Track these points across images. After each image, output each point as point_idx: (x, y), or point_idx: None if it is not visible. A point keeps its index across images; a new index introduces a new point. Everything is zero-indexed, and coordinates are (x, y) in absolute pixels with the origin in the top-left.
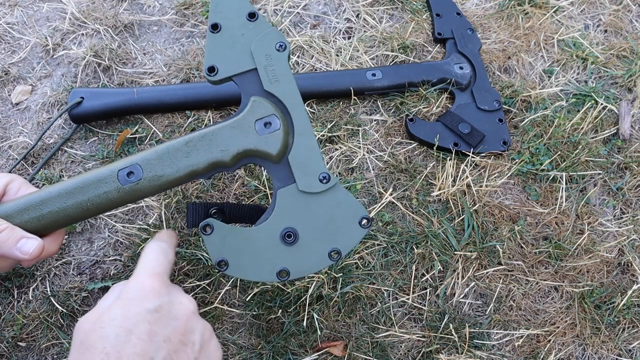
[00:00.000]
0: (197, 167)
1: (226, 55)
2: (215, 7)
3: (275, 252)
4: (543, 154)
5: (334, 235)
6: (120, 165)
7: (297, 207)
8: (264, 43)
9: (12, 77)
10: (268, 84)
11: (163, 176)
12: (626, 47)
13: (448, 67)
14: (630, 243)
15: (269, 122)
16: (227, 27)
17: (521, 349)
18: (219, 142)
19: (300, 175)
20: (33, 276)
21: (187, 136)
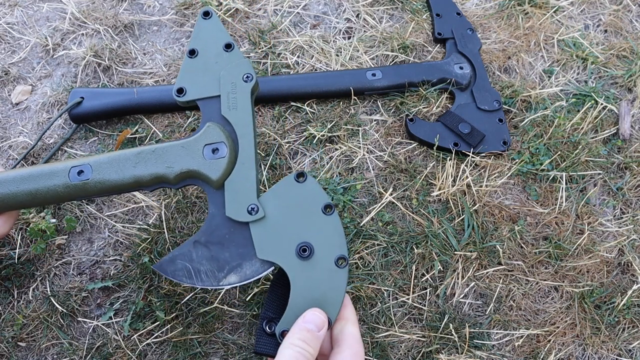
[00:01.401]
0: (142, 178)
1: (196, 79)
2: (197, 34)
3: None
4: (543, 154)
5: (305, 217)
6: (74, 163)
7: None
8: (233, 72)
9: (12, 77)
10: (226, 110)
11: (109, 180)
12: (626, 47)
13: (448, 67)
14: (630, 243)
15: (217, 149)
16: (203, 54)
17: (521, 349)
18: (167, 159)
19: (230, 201)
20: (33, 276)
21: (140, 148)
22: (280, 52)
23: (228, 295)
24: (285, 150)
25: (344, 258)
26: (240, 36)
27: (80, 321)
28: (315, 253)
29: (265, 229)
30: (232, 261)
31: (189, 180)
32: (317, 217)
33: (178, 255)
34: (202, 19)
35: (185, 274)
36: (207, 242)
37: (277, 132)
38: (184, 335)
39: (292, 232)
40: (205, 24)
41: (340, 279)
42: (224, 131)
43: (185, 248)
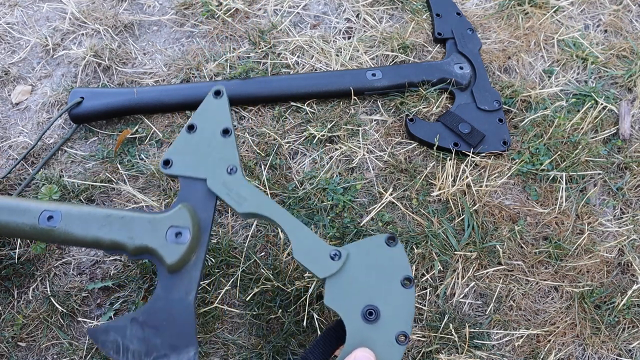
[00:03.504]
0: (102, 241)
1: (186, 155)
2: (202, 110)
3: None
4: (543, 154)
5: (384, 289)
6: (47, 207)
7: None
8: (217, 169)
9: (12, 77)
10: (240, 207)
11: (73, 234)
12: (626, 47)
13: (448, 67)
14: (630, 243)
15: (180, 233)
16: (201, 132)
17: (521, 349)
18: (131, 229)
19: (313, 265)
20: (33, 276)
21: (112, 210)
22: (280, 52)
23: (228, 296)
24: (285, 150)
25: (405, 335)
26: (240, 36)
27: (80, 321)
28: (380, 320)
29: (340, 279)
30: (161, 349)
31: (147, 255)
32: (394, 285)
33: (113, 327)
34: (212, 96)
35: (114, 347)
36: (144, 322)
37: (277, 132)
38: None
39: (365, 291)
40: (213, 102)
41: (395, 355)
42: (193, 217)
43: (122, 322)
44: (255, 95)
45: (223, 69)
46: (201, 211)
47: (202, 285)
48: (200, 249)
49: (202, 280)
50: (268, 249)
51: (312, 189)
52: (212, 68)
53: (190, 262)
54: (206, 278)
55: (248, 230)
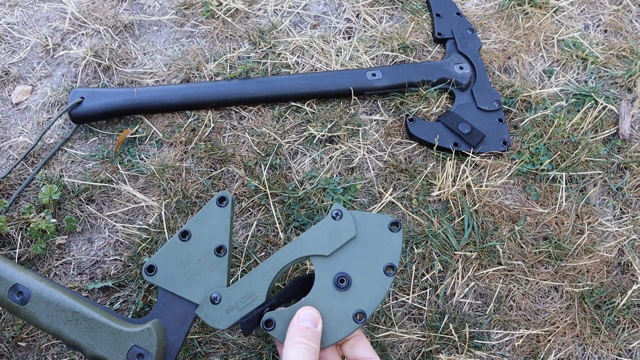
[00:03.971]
0: (64, 336)
1: (172, 267)
2: (201, 217)
3: (336, 302)
4: (543, 154)
5: (374, 260)
6: (21, 279)
7: (338, 256)
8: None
9: (12, 77)
10: (259, 301)
11: (37, 319)
12: (626, 47)
13: (448, 67)
14: (630, 243)
15: (142, 356)
16: (194, 243)
17: (521, 349)
18: (94, 336)
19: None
20: None
21: (81, 306)
22: (280, 52)
23: None
24: (285, 150)
25: (364, 315)
26: (240, 36)
27: None
28: (348, 291)
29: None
30: None
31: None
32: (376, 267)
33: None
34: (215, 203)
35: None
36: None
37: (277, 132)
38: None
39: (349, 259)
40: (215, 211)
41: (344, 330)
42: (160, 341)
43: None
44: (255, 95)
45: (223, 69)
46: (172, 334)
47: None
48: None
49: None
50: (268, 249)
51: (312, 189)
52: (212, 68)
53: None
54: None
55: (248, 230)
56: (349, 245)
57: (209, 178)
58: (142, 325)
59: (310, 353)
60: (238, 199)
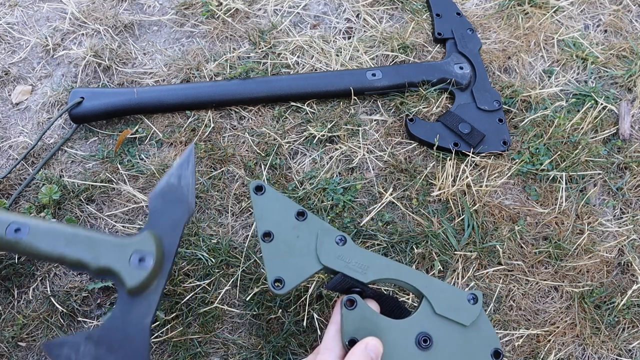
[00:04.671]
0: (67, 258)
1: (287, 263)
2: (260, 213)
3: (406, 350)
4: (543, 154)
5: (465, 355)
6: (16, 219)
7: (440, 320)
8: (326, 245)
9: (12, 77)
10: (365, 277)
11: (38, 248)
12: (626, 47)
13: (448, 67)
14: (630, 243)
15: (144, 259)
16: (278, 234)
17: (521, 349)
18: (96, 250)
19: (458, 316)
20: (33, 276)
21: (79, 229)
22: (280, 52)
23: (228, 295)
24: (285, 150)
25: None
26: (240, 36)
27: (80, 321)
28: (432, 350)
29: None
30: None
31: (109, 276)
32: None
33: (67, 342)
34: (255, 194)
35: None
36: (98, 340)
37: (277, 132)
38: (184, 335)
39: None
40: (264, 199)
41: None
42: (157, 244)
43: (77, 338)
44: (255, 95)
45: (223, 69)
46: (167, 240)
47: (202, 286)
48: (162, 276)
49: (160, 306)
50: None
51: (312, 189)
52: (212, 68)
53: (151, 287)
54: (206, 278)
55: (248, 230)
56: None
57: (209, 178)
58: (139, 235)
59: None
60: (238, 199)
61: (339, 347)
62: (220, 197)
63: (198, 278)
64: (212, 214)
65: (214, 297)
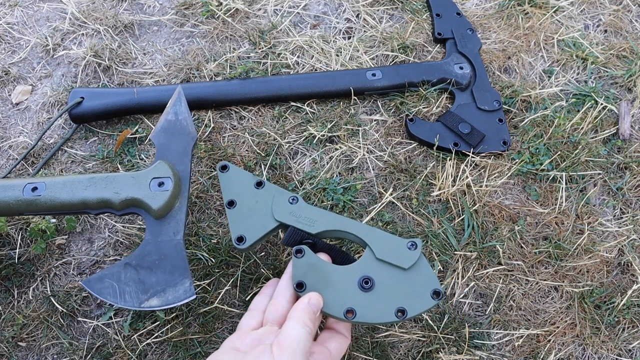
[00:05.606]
0: (89, 200)
1: (247, 222)
2: (225, 186)
3: (349, 292)
4: (543, 154)
5: (405, 296)
6: (31, 180)
7: (381, 264)
8: (280, 204)
9: (12, 77)
10: (312, 228)
11: (59, 199)
12: (626, 47)
13: (448, 67)
14: (630, 243)
15: (163, 182)
16: (240, 202)
17: (521, 349)
18: (116, 186)
19: (397, 260)
20: (33, 276)
21: (94, 174)
22: (280, 52)
23: (228, 296)
24: (285, 150)
25: (353, 311)
26: (240, 36)
27: (80, 321)
28: (374, 291)
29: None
30: (157, 286)
31: (133, 208)
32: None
33: (107, 274)
34: (220, 172)
35: (110, 292)
36: (137, 265)
37: (277, 132)
38: (184, 335)
39: (397, 292)
40: (227, 175)
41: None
42: (172, 168)
43: (115, 269)
44: (255, 95)
45: (223, 69)
46: (179, 165)
47: (202, 285)
48: (183, 196)
49: (187, 224)
50: (268, 249)
51: (312, 189)
52: (212, 68)
53: (175, 207)
54: (206, 278)
55: None
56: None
57: (209, 178)
58: (152, 165)
59: (312, 337)
60: None
61: (290, 292)
62: (220, 197)
63: (198, 278)
64: (212, 214)
65: (214, 297)
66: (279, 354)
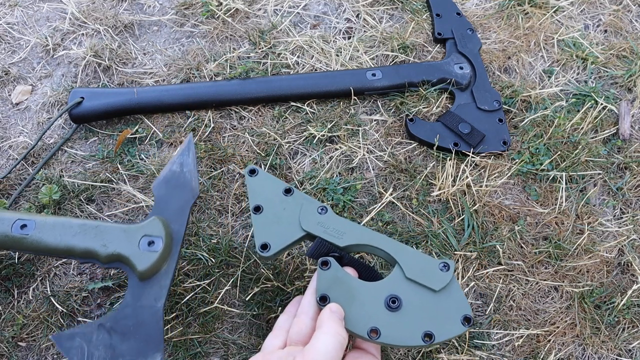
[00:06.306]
0: (75, 249)
1: (274, 229)
2: (252, 191)
3: (375, 310)
4: (543, 154)
5: (434, 320)
6: (22, 216)
7: (410, 284)
8: (308, 213)
9: (12, 77)
10: (340, 241)
11: (45, 242)
12: (626, 47)
13: (448, 67)
14: (630, 243)
15: (153, 242)
16: (267, 208)
17: (521, 349)
18: (105, 237)
19: (428, 281)
20: (33, 276)
21: (86, 220)
22: (280, 52)
23: (228, 296)
24: (285, 150)
25: (376, 331)
26: (240, 36)
27: (80, 321)
28: (402, 311)
29: None
30: (127, 354)
31: (118, 263)
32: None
33: (79, 333)
34: (249, 176)
35: (78, 353)
36: (111, 328)
37: (277, 132)
38: (184, 335)
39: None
40: (256, 180)
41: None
42: (165, 227)
43: (88, 328)
44: (255, 95)
45: (223, 69)
46: (174, 224)
47: (202, 286)
48: (172, 259)
49: (170, 290)
50: None
51: (312, 189)
52: (212, 68)
53: (162, 270)
54: (206, 278)
55: (248, 230)
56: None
57: (209, 178)
58: (146, 220)
59: (341, 347)
60: (238, 199)
61: (313, 310)
62: (220, 197)
63: (198, 278)
64: (212, 214)
65: (214, 297)
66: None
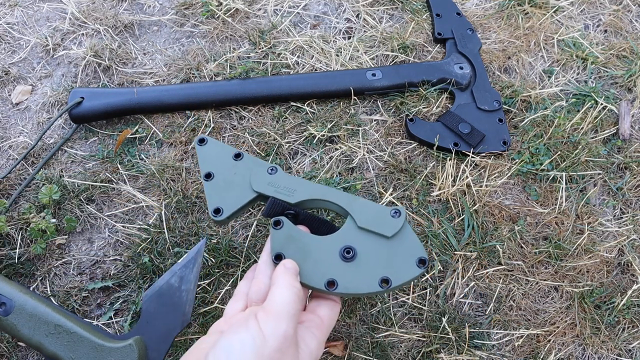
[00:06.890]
0: (44, 348)
1: (226, 193)
2: (202, 159)
3: (331, 262)
4: (543, 154)
5: (389, 265)
6: (4, 290)
7: (363, 233)
8: (258, 174)
9: (12, 77)
10: (292, 198)
11: (19, 331)
12: (626, 47)
13: (448, 67)
14: (630, 243)
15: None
16: (218, 173)
17: (521, 349)
18: (75, 349)
19: (379, 228)
20: (33, 276)
21: (65, 320)
22: (280, 52)
23: (228, 296)
24: (285, 150)
25: (333, 283)
26: (240, 36)
27: None
28: (357, 260)
29: None
30: None
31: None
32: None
33: None
34: (198, 145)
35: None
36: None
37: (277, 132)
38: (184, 335)
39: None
40: (206, 148)
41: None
42: (141, 357)
43: None
44: (255, 95)
45: (223, 69)
46: (153, 350)
47: (202, 285)
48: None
49: None
50: None
51: None
52: (212, 68)
53: None
54: (206, 278)
55: (248, 230)
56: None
57: None
58: (124, 342)
59: (299, 299)
60: None
61: (270, 269)
62: None
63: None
64: None
65: (214, 297)
66: (264, 318)
